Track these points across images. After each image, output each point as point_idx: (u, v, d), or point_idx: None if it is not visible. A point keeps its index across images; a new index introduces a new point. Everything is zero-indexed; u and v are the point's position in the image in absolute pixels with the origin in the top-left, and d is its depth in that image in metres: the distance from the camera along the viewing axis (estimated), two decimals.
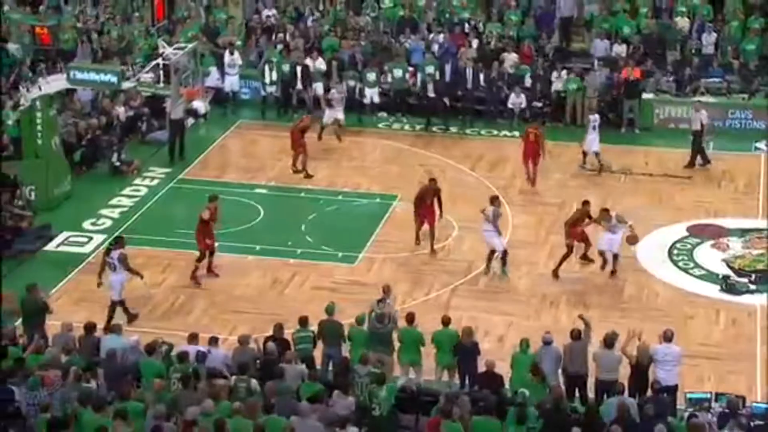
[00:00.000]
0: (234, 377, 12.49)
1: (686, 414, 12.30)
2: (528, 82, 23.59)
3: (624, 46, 24.20)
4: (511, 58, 23.75)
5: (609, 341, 13.44)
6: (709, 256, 17.83)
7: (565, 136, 22.26)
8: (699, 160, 21.17)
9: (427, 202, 17.83)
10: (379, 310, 14.13)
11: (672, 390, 13.13)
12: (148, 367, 12.69)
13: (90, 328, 13.74)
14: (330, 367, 13.82)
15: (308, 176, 20.40)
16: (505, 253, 17.18)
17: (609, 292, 16.78)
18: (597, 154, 20.94)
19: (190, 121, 23.26)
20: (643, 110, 23.06)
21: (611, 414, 11.93)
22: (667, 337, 13.45)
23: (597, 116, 21.21)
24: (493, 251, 17.17)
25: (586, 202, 17.37)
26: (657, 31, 24.66)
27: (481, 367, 13.28)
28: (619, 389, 12.52)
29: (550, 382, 13.07)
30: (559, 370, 13.40)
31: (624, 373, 13.26)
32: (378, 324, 13.94)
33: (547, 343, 13.58)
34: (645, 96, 23.07)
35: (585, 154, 21.05)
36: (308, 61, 23.54)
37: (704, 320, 16.09)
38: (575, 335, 13.59)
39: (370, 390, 12.21)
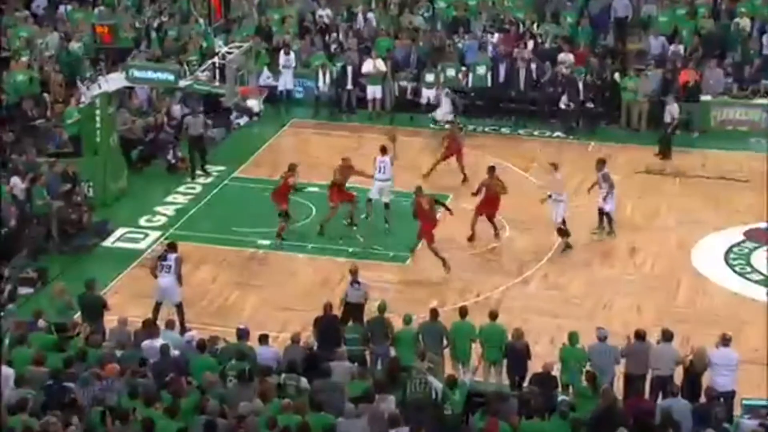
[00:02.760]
0: (283, 375, 12.51)
1: (753, 422, 12.01)
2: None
3: (681, 47, 23.81)
4: (567, 59, 23.54)
5: (667, 335, 13.19)
6: (766, 261, 17.42)
7: (621, 138, 22.03)
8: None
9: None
10: (356, 290, 14.53)
11: (729, 396, 12.85)
12: (200, 364, 12.75)
13: (148, 324, 13.85)
14: (378, 366, 13.77)
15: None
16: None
17: (663, 296, 16.51)
18: None
19: (244, 119, 23.48)
20: (700, 112, 22.67)
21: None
22: (725, 342, 13.19)
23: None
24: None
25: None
26: (716, 31, 24.20)
27: (537, 368, 13.11)
28: (674, 390, 12.31)
29: (602, 382, 12.87)
30: (616, 369, 13.18)
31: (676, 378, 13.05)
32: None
33: (601, 339, 13.33)
34: (703, 98, 22.67)
35: None
36: (368, 62, 23.55)
37: (760, 326, 15.71)
38: (641, 335, 13.33)
39: (445, 392, 12.13)
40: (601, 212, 18.22)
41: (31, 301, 15.94)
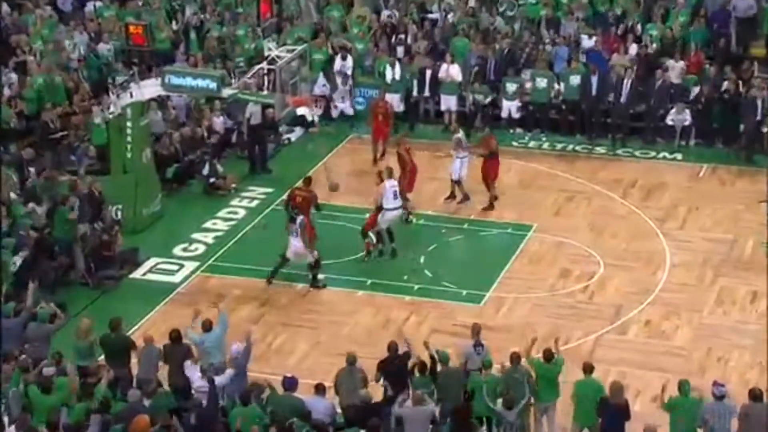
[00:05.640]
0: None
1: None
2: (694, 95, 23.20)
3: None
4: (677, 65, 23.40)
5: (757, 394, 12.96)
6: None
7: (739, 161, 21.86)
8: None
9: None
10: (479, 354, 14.21)
11: None
12: (240, 415, 12.84)
13: (175, 338, 14.03)
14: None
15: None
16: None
17: None
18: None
19: (297, 132, 23.75)
20: None
21: None
22: None
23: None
24: None
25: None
26: None
27: (637, 431, 12.96)
28: None
29: None
30: None
31: None
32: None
33: (719, 397, 13.10)
34: None
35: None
36: (443, 67, 23.75)
37: None
38: (756, 395, 13.10)
39: None
40: None
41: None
